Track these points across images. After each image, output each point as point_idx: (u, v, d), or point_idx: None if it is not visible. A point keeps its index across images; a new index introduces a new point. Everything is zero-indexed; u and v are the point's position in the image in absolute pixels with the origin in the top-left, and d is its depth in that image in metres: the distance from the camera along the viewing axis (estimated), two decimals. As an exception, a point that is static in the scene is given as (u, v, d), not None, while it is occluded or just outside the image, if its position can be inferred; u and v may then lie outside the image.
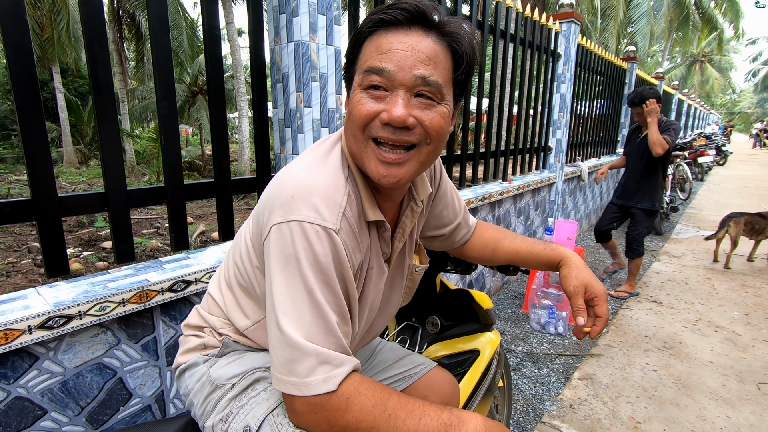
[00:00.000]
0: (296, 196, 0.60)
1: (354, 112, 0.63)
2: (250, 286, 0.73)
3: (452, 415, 0.61)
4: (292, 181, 0.63)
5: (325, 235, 0.59)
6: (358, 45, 0.65)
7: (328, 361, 0.58)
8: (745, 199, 7.24)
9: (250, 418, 0.67)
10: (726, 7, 20.26)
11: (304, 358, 0.57)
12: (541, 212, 3.99)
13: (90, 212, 1.22)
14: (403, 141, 0.63)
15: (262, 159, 1.61)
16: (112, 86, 1.18)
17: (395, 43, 0.60)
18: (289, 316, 0.58)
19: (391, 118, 0.60)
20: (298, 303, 0.58)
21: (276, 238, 0.60)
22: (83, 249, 5.34)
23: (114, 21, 12.47)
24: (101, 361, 1.16)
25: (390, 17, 0.61)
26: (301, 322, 0.58)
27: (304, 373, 0.57)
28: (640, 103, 2.93)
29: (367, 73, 0.61)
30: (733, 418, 1.86)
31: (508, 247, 0.97)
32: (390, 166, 0.64)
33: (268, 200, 0.64)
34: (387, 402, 0.59)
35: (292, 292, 0.59)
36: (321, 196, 0.61)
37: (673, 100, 10.68)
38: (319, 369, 0.57)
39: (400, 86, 0.60)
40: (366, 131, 0.63)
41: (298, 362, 0.57)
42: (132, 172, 11.85)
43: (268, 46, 1.62)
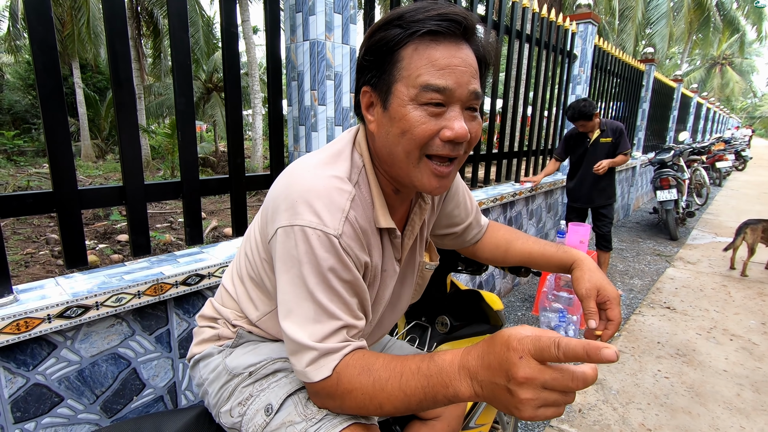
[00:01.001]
0: (300, 200, 0.62)
1: (416, 131, 0.61)
2: (260, 278, 0.75)
3: (430, 364, 0.57)
4: (296, 184, 0.64)
5: (326, 240, 0.61)
6: (393, 50, 0.62)
7: (326, 353, 0.62)
8: (764, 206, 7.07)
9: (272, 397, 0.70)
10: (749, 9, 19.79)
11: (305, 352, 0.62)
12: (554, 215, 3.96)
13: (108, 205, 1.25)
14: (457, 155, 0.65)
15: (276, 156, 1.63)
16: (132, 82, 1.20)
17: (452, 59, 0.60)
18: (292, 315, 0.62)
19: (457, 136, 0.61)
20: (301, 302, 0.62)
21: (281, 240, 0.62)
22: (99, 241, 5.44)
23: (133, 18, 12.68)
24: (116, 351, 1.19)
25: (444, 29, 0.60)
26: (303, 321, 0.62)
27: (304, 364, 0.62)
28: (580, 119, 2.97)
29: (425, 89, 0.59)
30: (748, 428, 1.82)
31: (520, 248, 0.96)
32: (442, 178, 0.66)
33: (276, 199, 0.65)
34: (372, 367, 0.61)
35: (295, 292, 0.62)
36: (324, 202, 0.62)
37: (692, 103, 10.48)
38: (318, 362, 0.62)
39: (458, 102, 0.62)
40: (423, 149, 0.63)
41: (300, 355, 0.62)
42: (147, 167, 12.04)
43: (284, 44, 1.64)
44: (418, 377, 0.56)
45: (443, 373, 0.54)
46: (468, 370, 0.52)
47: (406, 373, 0.57)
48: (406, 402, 0.57)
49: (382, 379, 0.59)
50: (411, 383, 0.56)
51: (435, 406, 0.57)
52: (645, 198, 7.34)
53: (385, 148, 0.66)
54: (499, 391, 0.49)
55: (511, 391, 0.47)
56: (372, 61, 0.64)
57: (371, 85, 0.66)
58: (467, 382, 0.52)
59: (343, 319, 0.63)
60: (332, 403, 0.64)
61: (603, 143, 3.10)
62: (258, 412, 0.70)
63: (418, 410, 0.59)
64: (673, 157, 5.25)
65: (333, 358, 0.61)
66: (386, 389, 0.58)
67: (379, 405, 0.59)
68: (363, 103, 0.68)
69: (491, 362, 0.49)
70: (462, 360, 0.54)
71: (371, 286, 0.71)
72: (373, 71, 0.65)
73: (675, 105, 8.37)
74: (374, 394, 0.59)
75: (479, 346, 0.53)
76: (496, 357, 0.49)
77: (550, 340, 0.45)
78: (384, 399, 0.58)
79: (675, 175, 4.90)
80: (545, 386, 0.46)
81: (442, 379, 0.54)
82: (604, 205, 3.22)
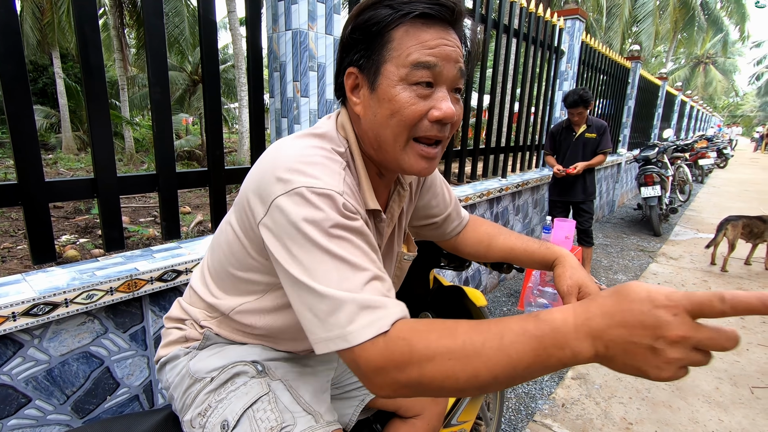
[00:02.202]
0: (293, 168, 0.58)
1: (405, 112, 0.61)
2: (233, 276, 0.71)
3: (539, 323, 0.48)
4: (285, 155, 0.60)
5: (329, 198, 0.57)
6: (382, 31, 0.61)
7: (369, 305, 0.52)
8: (744, 203, 7.23)
9: (228, 413, 0.66)
10: (732, 9, 20.14)
11: (342, 306, 0.52)
12: (540, 210, 3.98)
13: (79, 198, 1.20)
14: (443, 137, 0.65)
15: (258, 149, 1.59)
16: (103, 70, 1.15)
17: (441, 40, 0.61)
18: (316, 276, 0.54)
19: (445, 115, 0.61)
20: (318, 265, 0.54)
21: (280, 211, 0.56)
22: (80, 236, 5.31)
23: (115, 7, 12.35)
24: (88, 349, 1.15)
25: (437, 12, 0.60)
26: (329, 278, 0.54)
27: (346, 321, 0.51)
28: (581, 104, 3.03)
29: (416, 67, 0.60)
30: (726, 421, 1.85)
31: (502, 244, 0.95)
32: (429, 159, 0.65)
33: (262, 175, 0.60)
34: (456, 329, 0.50)
35: (308, 257, 0.55)
36: (318, 167, 0.59)
37: (676, 101, 10.63)
38: (362, 314, 0.52)
39: (446, 81, 0.62)
40: (412, 131, 0.63)
41: (337, 312, 0.52)
42: (131, 160, 11.81)
43: (266, 34, 1.59)
44: (526, 338, 0.47)
45: (557, 333, 0.46)
46: (589, 329, 0.45)
47: (507, 334, 0.48)
48: (510, 368, 0.47)
49: (476, 342, 0.48)
50: (517, 345, 0.47)
51: (543, 371, 0.47)
52: (630, 194, 7.44)
53: (371, 131, 0.65)
54: (636, 350, 0.43)
55: (657, 351, 0.41)
56: (359, 40, 0.63)
57: (358, 66, 0.64)
58: (588, 342, 0.45)
59: (370, 269, 0.55)
60: (405, 376, 0.50)
61: (588, 138, 3.17)
62: (215, 427, 0.66)
63: (523, 378, 0.48)
64: (657, 154, 5.32)
65: (383, 314, 0.52)
66: (483, 353, 0.48)
67: (474, 373, 0.48)
68: (347, 85, 0.66)
69: (628, 320, 0.43)
70: (578, 318, 0.46)
71: None
72: (361, 51, 0.63)
73: (660, 103, 8.49)
74: (467, 360, 0.48)
75: (600, 303, 0.46)
76: (635, 314, 0.43)
77: (710, 293, 0.40)
78: (481, 365, 0.48)
79: (659, 172, 4.97)
80: (698, 346, 0.41)
81: (556, 340, 0.46)
82: (583, 200, 3.27)
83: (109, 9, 12.81)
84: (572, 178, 3.22)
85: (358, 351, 0.51)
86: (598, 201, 5.68)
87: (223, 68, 16.22)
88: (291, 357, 0.78)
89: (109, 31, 13.59)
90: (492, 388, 0.49)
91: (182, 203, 7.16)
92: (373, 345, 0.51)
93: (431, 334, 0.50)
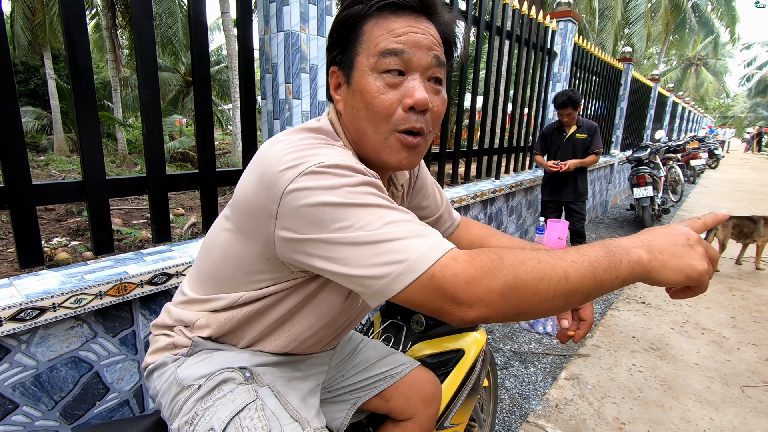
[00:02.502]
0: (299, 155, 0.56)
1: (376, 103, 0.61)
2: (224, 281, 0.70)
3: (602, 243, 0.55)
4: (284, 145, 0.58)
5: (344, 167, 0.55)
6: (355, 25, 0.62)
7: (424, 233, 0.52)
8: (735, 203, 7.30)
9: (215, 421, 0.65)
10: (723, 11, 20.37)
11: (401, 240, 0.51)
12: (533, 211, 3.99)
13: (67, 201, 1.18)
14: (422, 129, 0.64)
15: (249, 151, 1.58)
16: (91, 72, 1.14)
17: (410, 28, 0.61)
18: (361, 230, 0.51)
19: (417, 102, 0.60)
20: (359, 218, 0.52)
21: (297, 197, 0.53)
22: (71, 238, 5.26)
23: (107, 8, 12.26)
24: (77, 354, 1.13)
25: (403, 2, 0.61)
26: (376, 227, 0.52)
27: (410, 249, 0.50)
28: (570, 105, 3.07)
29: (384, 55, 0.60)
30: (717, 420, 1.87)
31: (494, 245, 0.95)
32: (410, 149, 0.64)
33: (264, 173, 0.57)
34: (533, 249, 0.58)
35: (349, 216, 0.52)
36: (324, 148, 0.58)
37: (668, 102, 10.73)
38: (419, 241, 0.51)
39: (417, 69, 0.62)
40: (391, 123, 0.62)
41: (398, 247, 0.50)
42: (124, 162, 11.71)
43: (258, 35, 1.59)
44: (598, 246, 0.54)
45: (621, 243, 0.54)
46: (643, 240, 0.55)
47: (580, 248, 0.54)
48: (592, 269, 0.51)
49: (556, 253, 0.52)
50: (592, 252, 0.52)
51: (616, 276, 0.51)
52: (623, 195, 7.49)
53: (352, 125, 0.66)
54: (681, 251, 0.53)
55: (692, 247, 0.54)
56: (336, 39, 0.65)
57: (337, 64, 0.66)
58: (645, 249, 0.54)
59: (407, 213, 0.55)
60: (500, 281, 0.49)
61: (579, 138, 3.20)
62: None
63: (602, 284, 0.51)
64: (649, 155, 5.36)
65: (440, 238, 0.53)
66: (567, 257, 0.51)
67: (564, 274, 0.50)
68: (332, 84, 0.68)
69: (665, 233, 0.55)
70: (630, 240, 0.55)
71: None
72: (339, 48, 0.65)
73: (652, 104, 8.56)
74: (555, 263, 0.51)
75: (645, 232, 0.57)
76: (667, 230, 0.56)
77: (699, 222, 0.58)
78: (568, 266, 0.50)
79: (651, 172, 5.01)
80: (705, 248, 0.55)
81: (622, 247, 0.54)
82: (574, 201, 3.29)
83: (101, 10, 12.72)
84: (563, 178, 3.24)
85: (439, 271, 0.50)
86: (591, 201, 5.71)
87: (217, 69, 16.15)
88: (281, 361, 0.77)
89: (101, 32, 13.50)
90: (578, 295, 0.51)
91: (176, 205, 7.11)
92: (453, 260, 0.50)
93: (512, 252, 0.53)
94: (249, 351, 0.74)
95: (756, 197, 8.02)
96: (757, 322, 2.83)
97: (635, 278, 0.53)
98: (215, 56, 18.13)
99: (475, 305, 0.50)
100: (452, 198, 2.55)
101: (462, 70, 2.71)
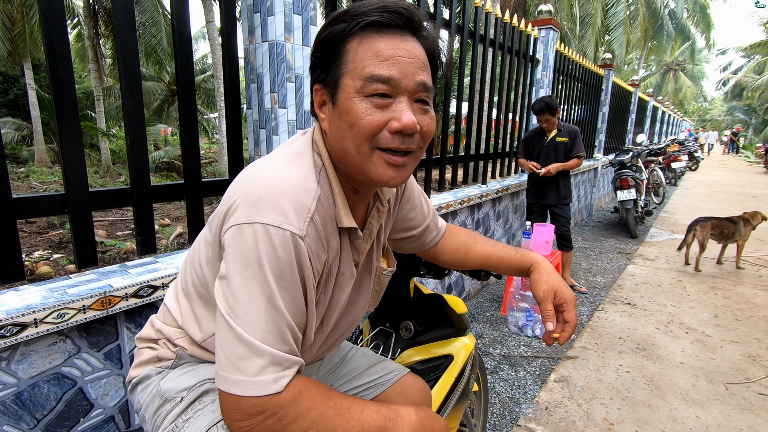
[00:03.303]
0: (264, 197, 0.57)
1: (362, 123, 0.60)
2: (208, 292, 0.70)
3: (390, 410, 0.67)
4: (260, 180, 0.60)
5: (291, 241, 0.57)
6: (339, 43, 0.62)
7: (280, 362, 0.57)
8: (715, 204, 7.48)
9: (194, 431, 0.64)
10: (698, 18, 21.01)
11: (256, 357, 0.56)
12: (520, 215, 4.04)
13: (49, 214, 1.17)
14: (408, 148, 0.64)
15: (235, 160, 1.57)
16: (73, 83, 1.13)
17: (396, 50, 0.60)
18: (245, 319, 0.56)
19: (404, 126, 0.60)
20: (256, 307, 0.56)
21: (237, 238, 0.57)
22: (53, 251, 5.14)
23: (89, 17, 12.12)
24: (60, 370, 1.11)
25: (387, 20, 0.60)
26: (256, 326, 0.56)
27: (254, 371, 0.55)
28: (547, 111, 3.14)
29: (370, 80, 0.59)
30: (702, 418, 1.90)
31: (479, 252, 0.96)
32: (397, 168, 0.64)
33: (233, 196, 0.60)
34: (331, 392, 0.63)
35: (250, 295, 0.56)
36: (289, 200, 0.58)
37: (648, 107, 10.98)
38: (270, 369, 0.56)
39: (404, 93, 0.61)
40: (373, 142, 0.62)
41: (249, 360, 0.56)
42: (108, 173, 11.52)
43: (242, 45, 1.59)
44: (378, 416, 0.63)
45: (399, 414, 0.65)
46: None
47: (368, 405, 0.63)
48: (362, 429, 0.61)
49: (344, 406, 0.60)
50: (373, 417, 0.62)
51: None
52: (607, 198, 7.63)
53: (337, 144, 0.65)
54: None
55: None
56: (320, 58, 0.64)
57: (321, 83, 0.65)
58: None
59: (297, 327, 0.60)
60: (274, 426, 0.57)
61: (559, 142, 3.27)
62: None
63: None
64: (631, 158, 5.47)
65: (287, 373, 0.57)
66: (346, 416, 0.60)
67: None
68: (316, 102, 0.67)
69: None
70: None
71: (326, 289, 0.68)
72: (322, 67, 0.64)
73: (633, 108, 8.75)
74: (335, 420, 0.59)
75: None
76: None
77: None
78: (342, 425, 0.59)
79: (634, 175, 5.11)
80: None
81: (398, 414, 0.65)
82: (558, 204, 3.34)
83: (83, 19, 12.57)
84: (546, 181, 3.30)
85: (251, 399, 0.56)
86: (577, 205, 5.80)
87: (203, 78, 16.05)
88: None
89: (83, 41, 13.32)
90: None
91: (162, 215, 7.01)
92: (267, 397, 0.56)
93: (315, 389, 0.61)
94: None
95: (734, 198, 8.24)
96: (738, 320, 2.90)
97: None
98: (200, 65, 18.03)
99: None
100: (439, 204, 2.57)
101: (446, 78, 2.74)
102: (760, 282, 3.66)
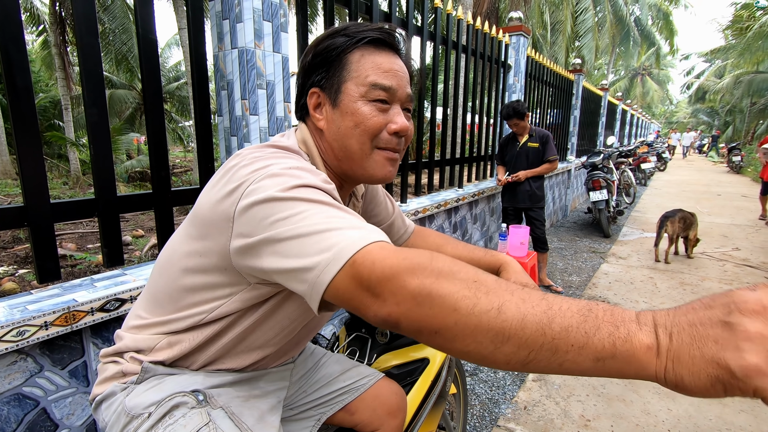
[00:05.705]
0: (266, 162, 0.61)
1: (368, 123, 0.69)
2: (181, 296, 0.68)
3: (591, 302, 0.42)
4: (251, 158, 0.63)
5: (304, 170, 0.60)
6: (340, 54, 0.70)
7: (362, 227, 0.51)
8: (683, 202, 7.77)
9: None
10: (662, 24, 21.90)
11: (336, 230, 0.49)
12: (497, 218, 4.10)
13: (7, 228, 1.12)
14: (400, 149, 0.74)
15: (205, 168, 1.55)
16: (31, 92, 1.09)
17: (392, 65, 0.71)
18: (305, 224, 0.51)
19: (401, 128, 0.71)
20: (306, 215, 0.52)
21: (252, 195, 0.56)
22: (19, 266, 4.93)
23: (56, 23, 11.76)
24: (20, 391, 1.06)
25: (386, 38, 0.70)
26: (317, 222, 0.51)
27: (341, 238, 0.48)
28: (515, 116, 3.24)
29: (374, 87, 0.69)
30: (674, 410, 1.96)
31: (450, 254, 0.97)
32: (393, 163, 0.74)
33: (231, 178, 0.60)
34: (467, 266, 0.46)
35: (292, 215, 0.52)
36: (290, 161, 0.62)
37: (618, 110, 11.35)
38: (354, 231, 0.49)
39: (398, 101, 0.72)
40: (374, 141, 0.71)
41: (332, 236, 0.49)
42: (77, 183, 11.14)
43: (212, 52, 1.57)
44: (578, 302, 0.40)
45: (614, 312, 0.39)
46: (652, 318, 0.39)
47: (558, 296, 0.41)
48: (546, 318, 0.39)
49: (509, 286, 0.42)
50: (563, 303, 0.40)
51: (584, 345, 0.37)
52: (581, 199, 7.82)
53: (336, 142, 0.71)
54: (707, 332, 0.34)
55: (732, 326, 0.33)
56: (320, 64, 0.71)
57: (320, 87, 0.72)
58: (649, 327, 0.38)
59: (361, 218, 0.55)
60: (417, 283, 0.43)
61: (531, 147, 3.35)
62: None
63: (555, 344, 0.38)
64: (603, 160, 5.64)
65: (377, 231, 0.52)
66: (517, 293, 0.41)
67: (499, 305, 0.40)
68: (311, 104, 0.73)
69: (695, 306, 0.38)
70: (639, 313, 0.40)
71: None
72: (322, 74, 0.71)
73: (603, 112, 9.04)
74: (496, 290, 0.41)
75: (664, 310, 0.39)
76: (703, 301, 0.38)
77: None
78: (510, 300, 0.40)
79: (605, 176, 5.27)
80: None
81: (613, 314, 0.39)
82: (532, 207, 3.41)
83: (49, 26, 12.18)
84: (519, 186, 3.38)
85: (360, 257, 0.45)
86: (552, 206, 5.93)
87: (176, 85, 15.75)
88: (238, 380, 0.75)
89: (50, 49, 12.91)
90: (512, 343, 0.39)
91: (135, 226, 6.81)
92: (380, 249, 0.46)
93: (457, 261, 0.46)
94: (203, 372, 0.72)
95: (701, 196, 8.58)
96: (706, 314, 3.01)
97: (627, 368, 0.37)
98: (174, 72, 17.69)
99: (387, 300, 0.44)
100: (417, 208, 2.59)
101: (421, 84, 2.77)
102: (725, 276, 3.81)
